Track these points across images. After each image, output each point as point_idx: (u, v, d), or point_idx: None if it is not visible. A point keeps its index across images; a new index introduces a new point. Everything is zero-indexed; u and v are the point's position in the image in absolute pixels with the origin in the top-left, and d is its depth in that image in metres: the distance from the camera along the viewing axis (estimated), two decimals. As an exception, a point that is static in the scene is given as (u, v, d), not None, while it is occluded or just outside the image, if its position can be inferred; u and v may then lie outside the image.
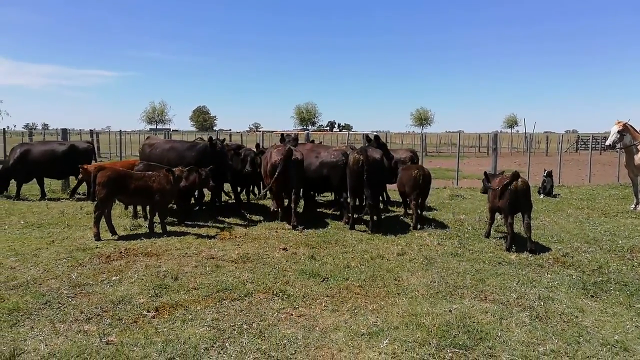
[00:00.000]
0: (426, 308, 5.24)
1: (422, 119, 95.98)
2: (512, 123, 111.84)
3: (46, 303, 5.21)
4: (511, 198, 7.60)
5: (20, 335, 4.45)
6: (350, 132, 29.53)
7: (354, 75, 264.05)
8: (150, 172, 8.69)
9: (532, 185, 8.55)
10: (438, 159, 31.80)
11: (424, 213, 10.21)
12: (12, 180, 12.72)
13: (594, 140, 41.89)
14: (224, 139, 11.12)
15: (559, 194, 14.24)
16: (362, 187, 8.90)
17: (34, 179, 12.94)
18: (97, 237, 7.92)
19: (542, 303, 5.45)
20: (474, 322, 4.89)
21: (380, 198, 11.26)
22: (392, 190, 12.41)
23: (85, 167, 11.46)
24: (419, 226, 9.26)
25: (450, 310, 5.18)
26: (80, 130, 35.42)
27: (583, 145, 46.89)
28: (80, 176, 11.76)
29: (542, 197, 13.74)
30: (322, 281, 6.10)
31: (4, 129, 23.92)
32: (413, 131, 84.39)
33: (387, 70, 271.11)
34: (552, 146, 44.15)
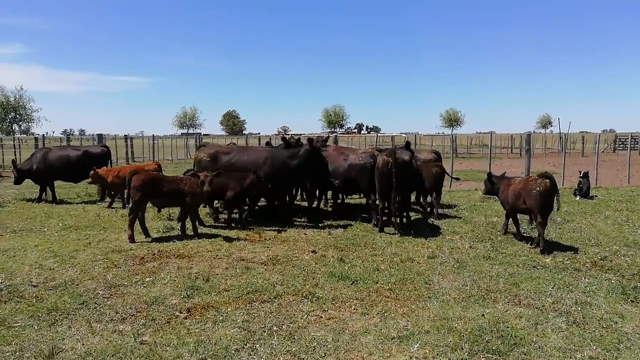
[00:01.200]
0: (458, 312, 5.15)
1: (452, 120, 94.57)
2: (545, 123, 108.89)
3: (83, 303, 5.37)
4: (544, 198, 7.43)
5: (58, 334, 4.60)
6: (378, 134, 29.37)
7: (382, 77, 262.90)
8: (181, 176, 8.86)
9: (567, 187, 8.31)
10: (469, 161, 31.25)
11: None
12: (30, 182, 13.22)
13: (633, 140, 40.39)
14: (299, 139, 11.00)
15: (596, 196, 13.77)
16: (390, 189, 8.81)
17: (59, 182, 13.35)
18: (132, 239, 8.12)
19: (579, 308, 5.28)
20: (507, 327, 4.77)
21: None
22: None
23: (97, 170, 11.87)
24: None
25: (483, 315, 5.07)
26: (115, 135, 36.45)
27: (621, 145, 45.20)
28: (89, 180, 12.03)
29: (578, 198, 13.32)
30: (351, 284, 6.07)
31: (43, 134, 24.86)
32: (443, 132, 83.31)
33: (416, 71, 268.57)
34: (588, 146, 42.79)
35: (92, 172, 11.85)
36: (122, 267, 6.73)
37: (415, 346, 4.37)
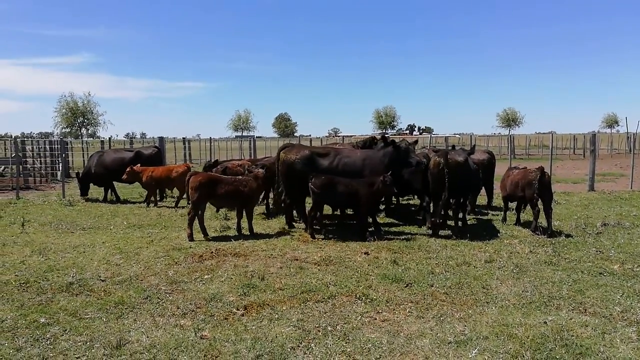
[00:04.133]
0: (518, 318, 4.96)
1: (510, 120, 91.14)
2: (611, 122, 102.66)
3: (147, 298, 5.63)
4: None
5: (125, 327, 4.85)
6: (431, 135, 28.85)
7: (435, 77, 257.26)
8: (239, 177, 9.12)
9: (637, 190, 7.81)
10: (527, 162, 29.97)
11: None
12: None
13: None
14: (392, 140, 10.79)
15: (670, 199, 12.83)
16: (442, 191, 8.62)
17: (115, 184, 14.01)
18: (191, 237, 8.43)
19: (652, 319, 4.94)
20: (572, 336, 4.54)
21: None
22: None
23: (133, 168, 12.42)
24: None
25: (545, 322, 4.86)
26: (174, 138, 37.97)
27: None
28: (124, 177, 12.50)
29: (649, 202, 12.47)
30: (405, 286, 6.00)
31: (110, 137, 26.29)
32: (499, 133, 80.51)
33: (471, 70, 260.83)
34: (661, 147, 39.93)
35: (128, 169, 12.45)
36: (183, 264, 7.00)
37: (474, 352, 4.26)
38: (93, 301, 5.52)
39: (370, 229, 8.83)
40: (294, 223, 9.84)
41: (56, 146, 20.95)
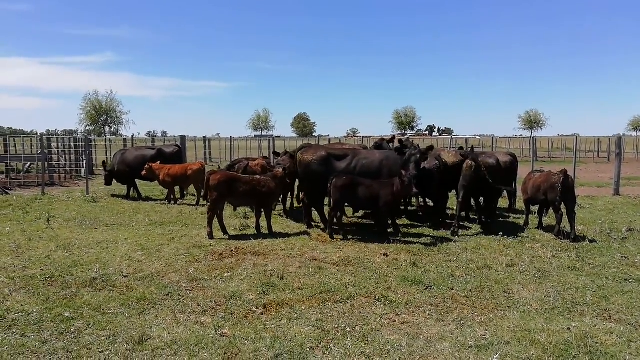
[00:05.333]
0: (541, 324, 4.88)
1: (532, 122, 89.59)
2: (638, 125, 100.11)
3: (168, 294, 5.71)
4: None
5: (147, 323, 4.92)
6: (452, 136, 28.55)
7: (455, 77, 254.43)
8: (258, 176, 9.16)
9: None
10: (550, 165, 29.45)
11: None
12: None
13: None
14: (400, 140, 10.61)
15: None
16: (471, 194, 8.66)
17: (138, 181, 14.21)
18: (210, 235, 8.51)
19: (680, 328, 4.81)
20: (596, 343, 4.45)
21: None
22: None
23: (152, 166, 12.60)
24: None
25: (568, 328, 4.77)
26: (195, 137, 38.34)
27: None
28: (143, 172, 12.69)
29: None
30: (425, 289, 5.96)
31: (132, 135, 26.73)
32: (521, 135, 79.21)
33: (493, 70, 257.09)
34: (689, 151, 38.81)
35: (146, 166, 12.65)
36: (203, 261, 7.07)
37: (495, 357, 4.20)
38: (116, 296, 5.61)
39: (389, 231, 8.81)
40: (312, 223, 9.86)
41: (80, 144, 21.37)
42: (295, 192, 12.23)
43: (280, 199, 11.06)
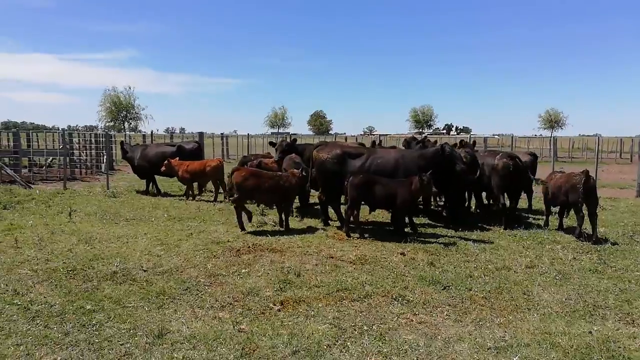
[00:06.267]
0: (561, 327, 4.81)
1: (553, 121, 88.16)
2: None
3: (186, 289, 5.77)
4: None
5: (166, 317, 4.98)
6: (470, 135, 28.24)
7: (474, 75, 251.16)
8: (280, 173, 9.26)
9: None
10: (571, 165, 28.97)
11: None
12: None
13: None
14: (425, 138, 10.91)
15: None
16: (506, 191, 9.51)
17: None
18: (242, 227, 8.81)
19: None
20: (619, 347, 4.37)
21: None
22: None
23: (171, 161, 12.76)
24: None
25: (590, 332, 4.69)
26: (212, 133, 38.67)
27: None
28: (162, 168, 12.87)
29: None
30: (442, 289, 5.91)
31: (152, 131, 27.05)
32: (541, 134, 78.04)
33: (512, 68, 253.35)
34: None
35: (165, 161, 12.81)
36: (221, 257, 7.13)
37: (515, 359, 4.16)
38: (136, 290, 5.70)
39: (406, 230, 8.78)
40: (329, 221, 9.86)
41: (101, 139, 21.70)
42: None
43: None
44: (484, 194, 11.56)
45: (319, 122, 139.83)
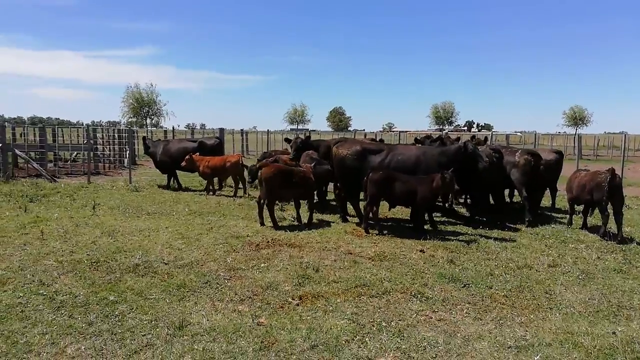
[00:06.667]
0: (584, 327, 4.72)
1: (577, 119, 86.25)
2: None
3: (206, 283, 5.84)
4: None
5: (186, 309, 5.05)
6: (492, 132, 27.78)
7: (496, 71, 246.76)
8: (302, 169, 9.40)
9: None
10: (596, 164, 28.33)
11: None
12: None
13: None
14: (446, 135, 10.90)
15: None
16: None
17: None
18: (275, 225, 8.87)
19: None
20: (645, 350, 4.26)
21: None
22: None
23: (193, 156, 12.91)
24: None
25: (614, 333, 4.60)
26: (232, 129, 38.91)
27: None
28: (183, 163, 12.98)
29: None
30: (462, 287, 5.86)
31: (173, 127, 27.39)
32: (564, 132, 76.43)
33: (535, 65, 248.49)
34: None
35: (187, 156, 12.96)
36: (240, 251, 7.20)
37: (536, 358, 4.10)
38: (157, 282, 5.79)
39: (426, 227, 8.74)
40: (347, 217, 9.86)
41: (124, 135, 22.06)
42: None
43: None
44: (506, 192, 11.44)
45: (338, 119, 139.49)
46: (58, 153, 19.73)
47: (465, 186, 9.48)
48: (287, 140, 12.21)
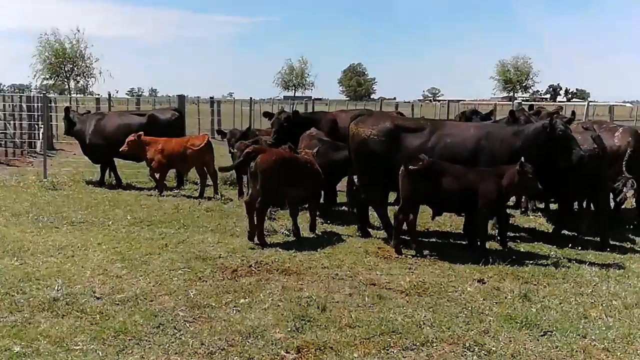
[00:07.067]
0: None
1: None
2: None
3: (159, 327, 5.87)
4: None
5: (128, 366, 5.10)
6: (588, 103, 27.60)
7: (592, 16, 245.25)
8: (307, 157, 9.61)
9: None
10: None
11: None
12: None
13: None
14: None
15: None
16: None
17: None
18: (263, 243, 8.97)
19: None
20: None
21: None
22: None
23: (141, 136, 12.88)
24: None
25: None
26: (198, 97, 39.06)
27: None
28: (124, 147, 12.82)
29: None
30: (541, 335, 5.88)
31: (109, 93, 27.45)
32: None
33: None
34: None
35: (131, 137, 12.79)
36: (209, 280, 7.25)
37: None
38: (85, 326, 5.82)
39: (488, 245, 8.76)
40: (369, 229, 9.88)
41: (36, 105, 22.00)
42: None
43: None
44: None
45: (356, 82, 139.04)
46: None
47: (551, 185, 9.43)
48: (267, 114, 12.17)
